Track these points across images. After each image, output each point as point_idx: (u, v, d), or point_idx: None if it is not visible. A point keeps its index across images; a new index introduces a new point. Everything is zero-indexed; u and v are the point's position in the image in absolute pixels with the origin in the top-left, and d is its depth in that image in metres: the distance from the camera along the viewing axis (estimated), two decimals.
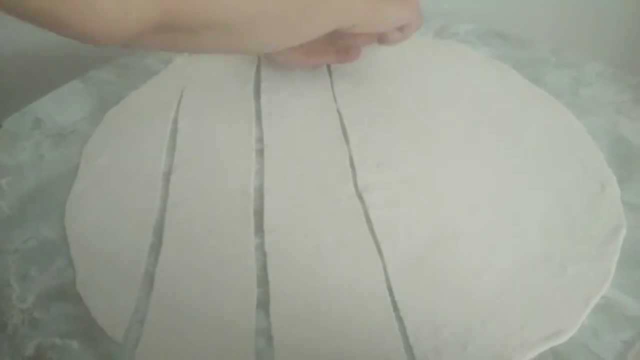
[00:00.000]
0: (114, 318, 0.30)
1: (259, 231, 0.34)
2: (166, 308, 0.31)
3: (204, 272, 0.32)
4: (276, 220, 0.35)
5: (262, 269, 0.32)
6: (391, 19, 0.37)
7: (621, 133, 0.40)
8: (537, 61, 0.47)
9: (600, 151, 0.38)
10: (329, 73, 0.46)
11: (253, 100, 0.44)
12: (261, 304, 0.31)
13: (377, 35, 0.40)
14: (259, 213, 0.35)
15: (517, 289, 0.31)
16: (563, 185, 0.36)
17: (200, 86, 0.45)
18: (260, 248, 0.33)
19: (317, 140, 0.40)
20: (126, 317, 0.30)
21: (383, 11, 0.36)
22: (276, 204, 0.36)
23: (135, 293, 0.31)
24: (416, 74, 0.45)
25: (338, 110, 0.42)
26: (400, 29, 0.38)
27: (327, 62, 0.45)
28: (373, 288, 0.31)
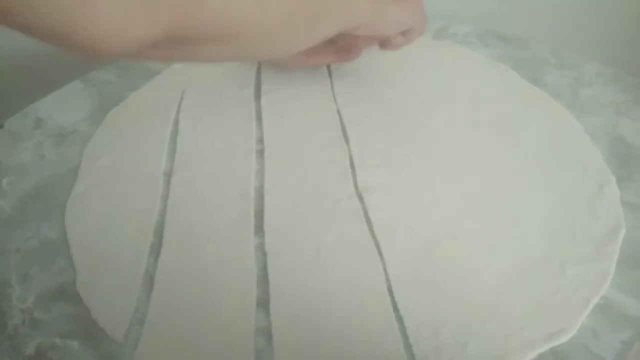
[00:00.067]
0: (114, 318, 0.30)
1: (259, 231, 0.34)
2: (166, 308, 0.31)
3: (204, 272, 0.32)
4: (276, 220, 0.35)
5: (262, 269, 0.32)
6: (394, 23, 0.37)
7: (621, 133, 0.40)
8: (537, 62, 0.47)
9: (599, 151, 0.38)
10: (329, 74, 0.46)
11: (253, 101, 0.44)
12: (261, 304, 0.31)
13: (380, 40, 0.40)
14: (259, 213, 0.35)
15: (517, 290, 0.31)
16: (562, 185, 0.36)
17: (201, 87, 0.45)
18: (260, 248, 0.34)
19: (317, 140, 0.40)
20: (126, 317, 0.30)
21: (386, 14, 0.36)
22: (276, 205, 0.36)
23: (135, 293, 0.31)
24: (416, 75, 0.45)
25: (338, 110, 0.42)
26: (403, 34, 0.39)
27: (328, 62, 0.45)
28: (373, 288, 0.31)
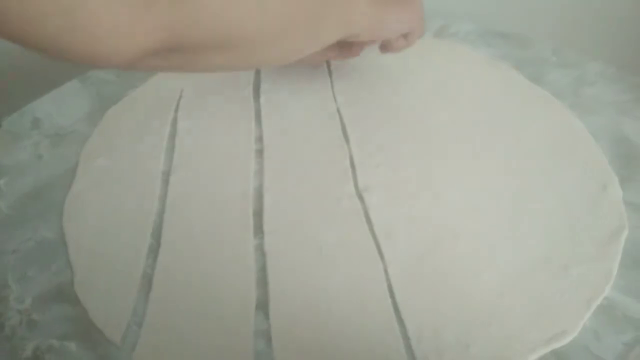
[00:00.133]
0: (112, 320, 0.30)
1: (259, 232, 0.34)
2: (164, 310, 0.30)
3: (203, 274, 0.32)
4: (276, 220, 0.35)
5: (262, 270, 0.32)
6: (395, 27, 0.37)
7: (623, 133, 0.39)
8: (538, 61, 0.46)
9: (602, 151, 0.38)
10: (329, 73, 0.46)
11: (253, 100, 0.44)
12: (260, 305, 0.31)
13: (381, 42, 0.40)
14: (259, 213, 0.35)
15: (519, 290, 0.30)
16: (564, 185, 0.36)
17: (200, 86, 0.45)
18: (259, 249, 0.33)
19: (317, 140, 0.40)
20: (124, 319, 0.30)
21: (387, 20, 0.36)
22: (276, 205, 0.35)
23: (133, 294, 0.31)
24: (416, 74, 0.45)
25: (338, 110, 0.42)
26: (403, 36, 0.39)
27: (330, 58, 0.45)
28: (373, 289, 0.31)
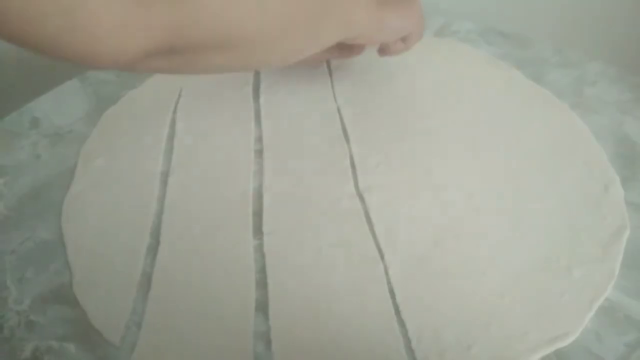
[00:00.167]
0: (111, 321, 0.30)
1: (258, 232, 0.34)
2: (164, 311, 0.30)
3: (202, 274, 0.32)
4: (275, 221, 0.34)
5: (261, 271, 0.32)
6: (394, 30, 0.37)
7: (625, 132, 0.39)
8: (539, 60, 0.46)
9: (603, 151, 0.38)
10: (329, 73, 0.46)
11: (252, 100, 0.43)
12: (260, 307, 0.30)
13: (379, 45, 0.39)
14: (258, 214, 0.35)
15: (519, 291, 0.30)
16: (566, 185, 0.36)
17: (198, 86, 0.45)
18: (259, 249, 0.33)
19: (317, 140, 0.40)
20: (123, 320, 0.30)
21: (386, 23, 0.36)
22: (275, 205, 0.35)
23: (132, 295, 0.31)
24: (417, 73, 0.45)
25: (338, 109, 0.42)
26: (402, 39, 0.39)
27: (331, 58, 0.45)
28: (374, 290, 0.31)
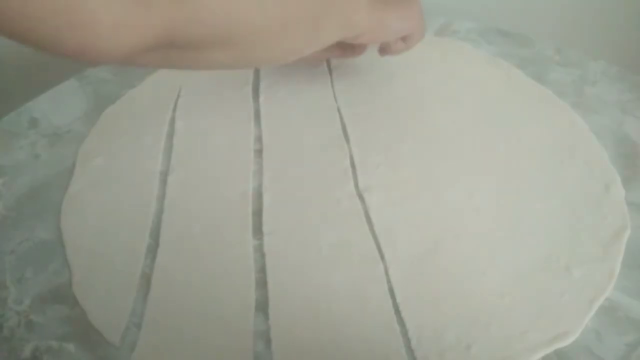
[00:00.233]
0: (111, 321, 0.30)
1: (258, 232, 0.34)
2: (163, 311, 0.30)
3: (202, 274, 0.32)
4: (275, 221, 0.34)
5: (261, 271, 0.32)
6: (395, 30, 0.37)
7: (626, 132, 0.39)
8: (541, 59, 0.46)
9: (604, 150, 0.38)
10: (329, 72, 0.45)
11: (252, 100, 0.43)
12: (260, 307, 0.30)
13: (380, 45, 0.39)
14: (258, 214, 0.35)
15: (520, 291, 0.30)
16: (567, 185, 0.36)
17: (198, 85, 0.45)
18: (259, 249, 0.33)
19: (317, 140, 0.40)
20: (123, 320, 0.30)
21: (387, 22, 0.36)
22: (275, 205, 0.35)
23: (132, 295, 0.31)
24: (417, 73, 0.45)
25: (338, 109, 0.42)
26: (402, 39, 0.39)
27: (333, 57, 0.45)
28: (374, 290, 0.31)
